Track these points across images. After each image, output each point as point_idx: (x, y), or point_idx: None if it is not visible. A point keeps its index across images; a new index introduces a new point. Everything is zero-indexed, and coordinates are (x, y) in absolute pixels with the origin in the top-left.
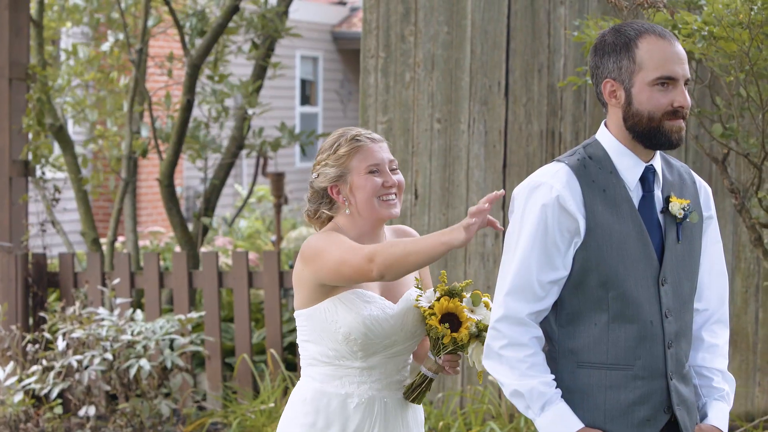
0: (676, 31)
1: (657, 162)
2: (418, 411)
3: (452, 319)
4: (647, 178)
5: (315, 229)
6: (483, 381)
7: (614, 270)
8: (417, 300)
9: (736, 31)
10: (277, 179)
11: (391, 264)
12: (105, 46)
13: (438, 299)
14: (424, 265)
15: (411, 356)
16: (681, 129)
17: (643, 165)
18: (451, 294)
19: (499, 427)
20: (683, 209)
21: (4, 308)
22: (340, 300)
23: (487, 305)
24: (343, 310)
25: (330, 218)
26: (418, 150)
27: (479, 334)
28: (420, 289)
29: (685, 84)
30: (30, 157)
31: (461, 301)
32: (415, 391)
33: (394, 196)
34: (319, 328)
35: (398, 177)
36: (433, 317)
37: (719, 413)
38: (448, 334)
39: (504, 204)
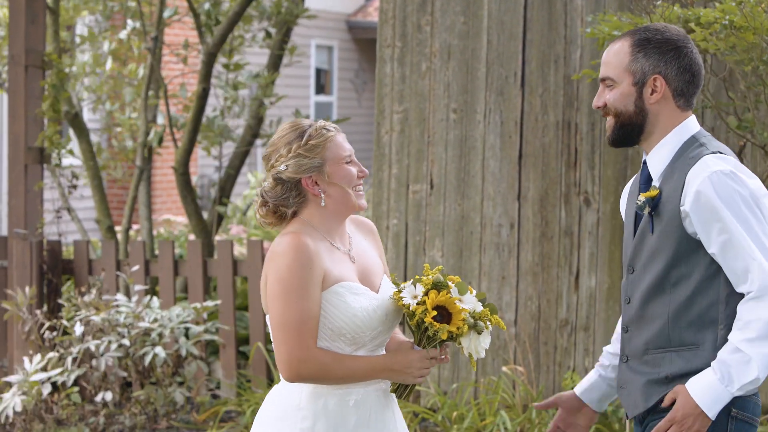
0: (691, 25)
1: (653, 156)
2: (395, 400)
3: (441, 311)
4: (642, 171)
5: (268, 225)
6: (476, 368)
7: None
8: (399, 298)
9: (757, 20)
10: None
11: (317, 378)
12: (122, 34)
13: (426, 293)
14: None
15: None
16: (608, 128)
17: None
18: (439, 286)
19: (512, 417)
20: (638, 201)
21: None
22: (330, 294)
23: (471, 292)
24: (334, 305)
25: (294, 214)
26: (434, 140)
27: (475, 323)
28: (396, 284)
29: (603, 81)
30: (45, 144)
31: (449, 292)
32: (407, 387)
33: (362, 187)
34: None
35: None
36: (427, 314)
37: (696, 377)
38: (445, 329)
39: (519, 193)
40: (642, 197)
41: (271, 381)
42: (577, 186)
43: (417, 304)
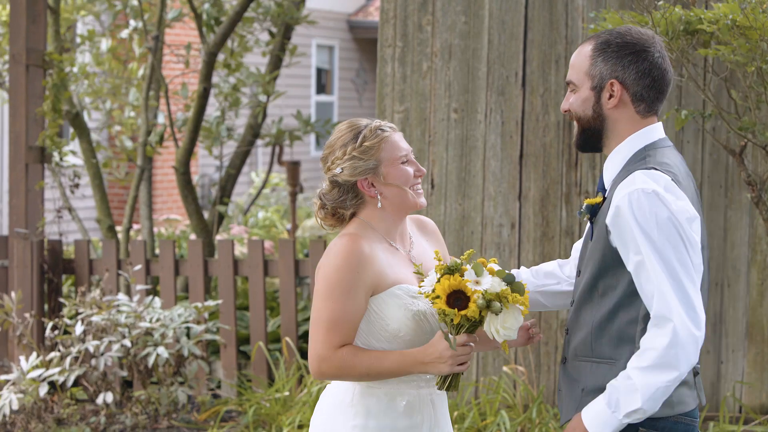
0: (698, 23)
1: (608, 163)
2: (446, 407)
3: (460, 296)
4: (600, 177)
5: (328, 227)
6: (509, 352)
7: None
8: (421, 287)
9: (759, 21)
10: (293, 168)
11: (339, 375)
12: (124, 33)
13: (438, 280)
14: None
15: None
16: (574, 133)
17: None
18: (451, 271)
19: (513, 417)
20: (581, 207)
21: (18, 296)
22: (387, 296)
23: (492, 272)
24: (391, 307)
25: (353, 215)
26: (435, 140)
27: (489, 304)
28: (421, 274)
29: (568, 85)
30: (46, 143)
31: (463, 275)
32: (449, 378)
33: (420, 185)
34: (364, 326)
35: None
36: (437, 300)
37: (592, 402)
38: (457, 314)
39: (520, 193)
40: (585, 203)
41: (271, 381)
42: (578, 186)
43: (431, 291)
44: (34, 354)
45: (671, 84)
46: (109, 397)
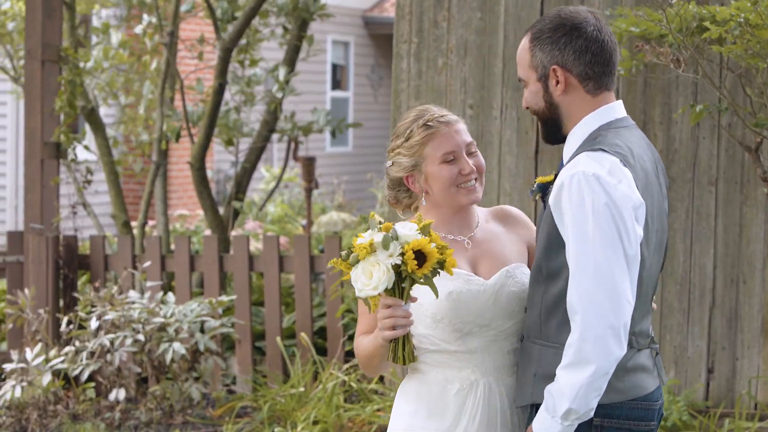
0: (706, 23)
1: (566, 146)
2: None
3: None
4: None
5: (399, 212)
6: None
7: None
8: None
9: None
10: (308, 164)
11: (360, 364)
12: (138, 29)
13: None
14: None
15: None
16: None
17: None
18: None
19: None
20: (533, 186)
21: (32, 293)
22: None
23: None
24: (426, 290)
25: (417, 207)
26: None
27: (346, 257)
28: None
29: (521, 81)
30: (61, 139)
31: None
32: (392, 347)
33: (474, 182)
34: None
35: (476, 160)
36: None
37: (537, 415)
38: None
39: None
40: (536, 181)
41: (287, 376)
42: None
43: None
44: (39, 345)
45: (616, 54)
46: (122, 393)
